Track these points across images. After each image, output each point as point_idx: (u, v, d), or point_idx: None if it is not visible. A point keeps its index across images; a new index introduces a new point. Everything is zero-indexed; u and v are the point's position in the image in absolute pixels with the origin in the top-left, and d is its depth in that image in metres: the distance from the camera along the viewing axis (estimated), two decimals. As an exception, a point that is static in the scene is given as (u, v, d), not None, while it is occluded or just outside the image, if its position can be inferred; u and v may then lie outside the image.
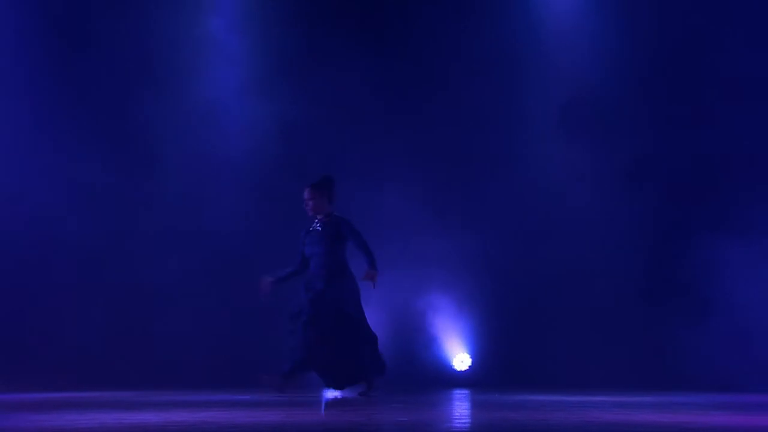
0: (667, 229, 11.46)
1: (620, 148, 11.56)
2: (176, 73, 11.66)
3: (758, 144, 11.28)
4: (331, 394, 9.17)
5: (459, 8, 12.04)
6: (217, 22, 11.91)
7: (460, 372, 11.56)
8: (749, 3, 11.43)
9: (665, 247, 11.42)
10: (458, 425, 5.75)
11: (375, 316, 11.46)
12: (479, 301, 11.64)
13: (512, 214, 11.71)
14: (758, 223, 10.86)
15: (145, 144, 11.46)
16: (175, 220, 11.43)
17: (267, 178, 11.70)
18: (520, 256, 11.65)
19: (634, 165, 11.54)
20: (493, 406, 7.60)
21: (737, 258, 10.73)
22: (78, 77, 11.36)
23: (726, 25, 11.30)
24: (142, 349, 11.01)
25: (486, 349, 11.62)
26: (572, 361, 11.10)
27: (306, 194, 8.98)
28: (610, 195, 11.59)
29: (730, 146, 11.22)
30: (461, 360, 11.54)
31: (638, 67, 11.69)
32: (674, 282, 11.22)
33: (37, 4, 11.32)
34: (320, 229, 8.95)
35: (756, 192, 11.07)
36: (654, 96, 11.63)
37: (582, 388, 9.97)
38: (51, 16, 11.27)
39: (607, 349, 11.19)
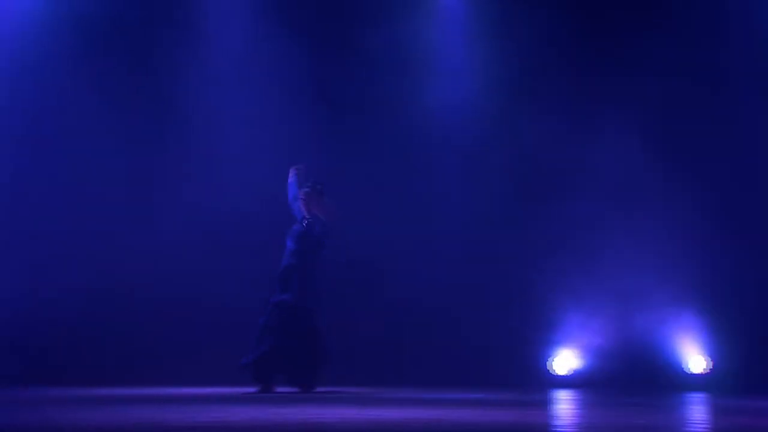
0: None
1: None
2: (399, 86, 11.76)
3: None
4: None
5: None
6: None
7: (695, 375, 11.13)
8: None
9: None
10: (697, 430, 5.62)
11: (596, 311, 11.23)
12: (710, 296, 11.06)
13: (740, 196, 11.16)
14: None
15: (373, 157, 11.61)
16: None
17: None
18: (743, 241, 11.05)
19: None
20: (731, 411, 7.39)
21: None
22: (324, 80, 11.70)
23: None
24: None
25: (720, 350, 11.12)
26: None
27: (300, 194, 9.43)
28: None
29: None
30: (699, 363, 11.10)
31: None
32: None
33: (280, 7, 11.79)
34: (302, 226, 9.33)
35: None
36: None
37: None
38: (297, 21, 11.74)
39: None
